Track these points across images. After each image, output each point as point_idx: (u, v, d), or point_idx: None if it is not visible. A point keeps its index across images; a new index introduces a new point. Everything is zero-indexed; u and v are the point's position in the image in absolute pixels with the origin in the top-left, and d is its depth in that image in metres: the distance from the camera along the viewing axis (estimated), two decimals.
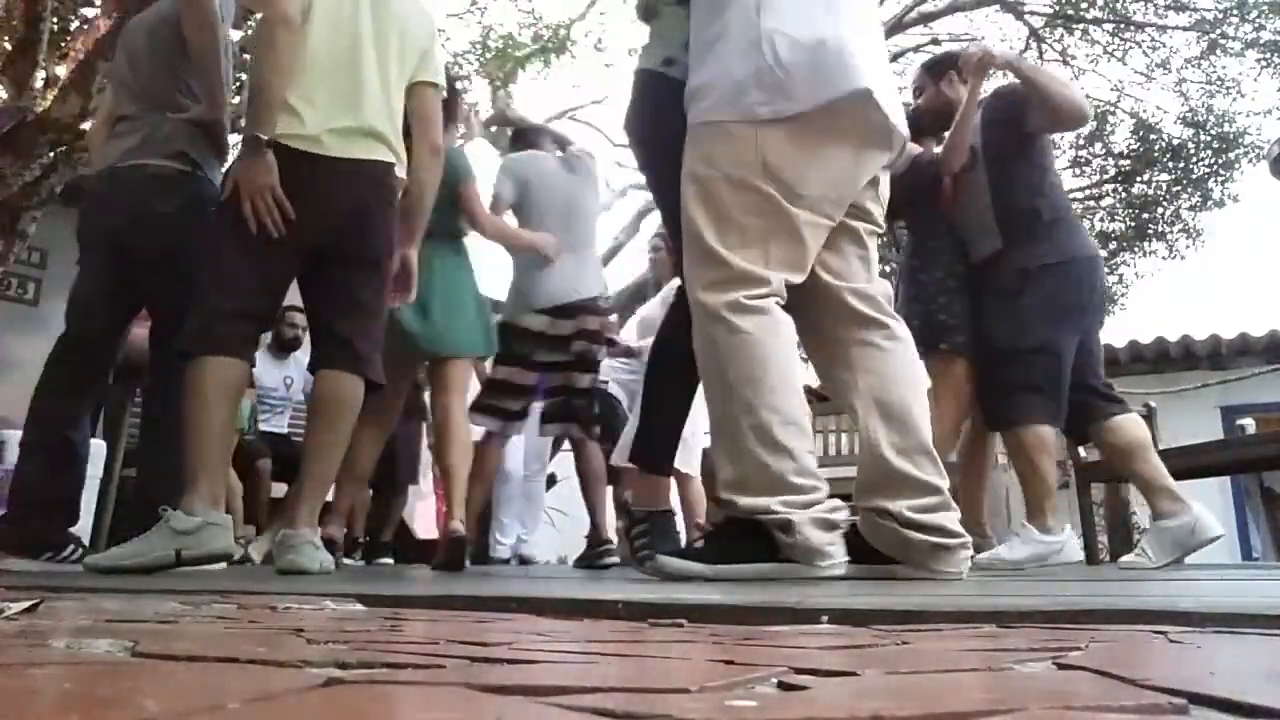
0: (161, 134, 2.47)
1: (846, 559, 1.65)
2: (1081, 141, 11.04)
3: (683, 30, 1.96)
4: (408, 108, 2.49)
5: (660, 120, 1.96)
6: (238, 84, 3.98)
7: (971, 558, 2.92)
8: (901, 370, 1.79)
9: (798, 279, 1.78)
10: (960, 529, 1.71)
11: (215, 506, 2.08)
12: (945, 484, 1.73)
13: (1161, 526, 2.71)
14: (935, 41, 10.56)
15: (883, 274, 2.05)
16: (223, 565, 2.41)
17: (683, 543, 2.65)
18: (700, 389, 1.83)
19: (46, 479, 2.42)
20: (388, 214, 2.43)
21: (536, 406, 3.68)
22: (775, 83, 1.70)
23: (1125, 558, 2.96)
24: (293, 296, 2.45)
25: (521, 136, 3.94)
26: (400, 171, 2.44)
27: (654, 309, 4.08)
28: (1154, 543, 2.71)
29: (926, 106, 3.18)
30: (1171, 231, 11.05)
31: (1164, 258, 11.24)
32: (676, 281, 3.04)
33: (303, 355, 3.70)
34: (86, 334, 2.51)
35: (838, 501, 1.67)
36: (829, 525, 1.62)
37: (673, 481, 2.53)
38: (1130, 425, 2.86)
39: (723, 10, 1.80)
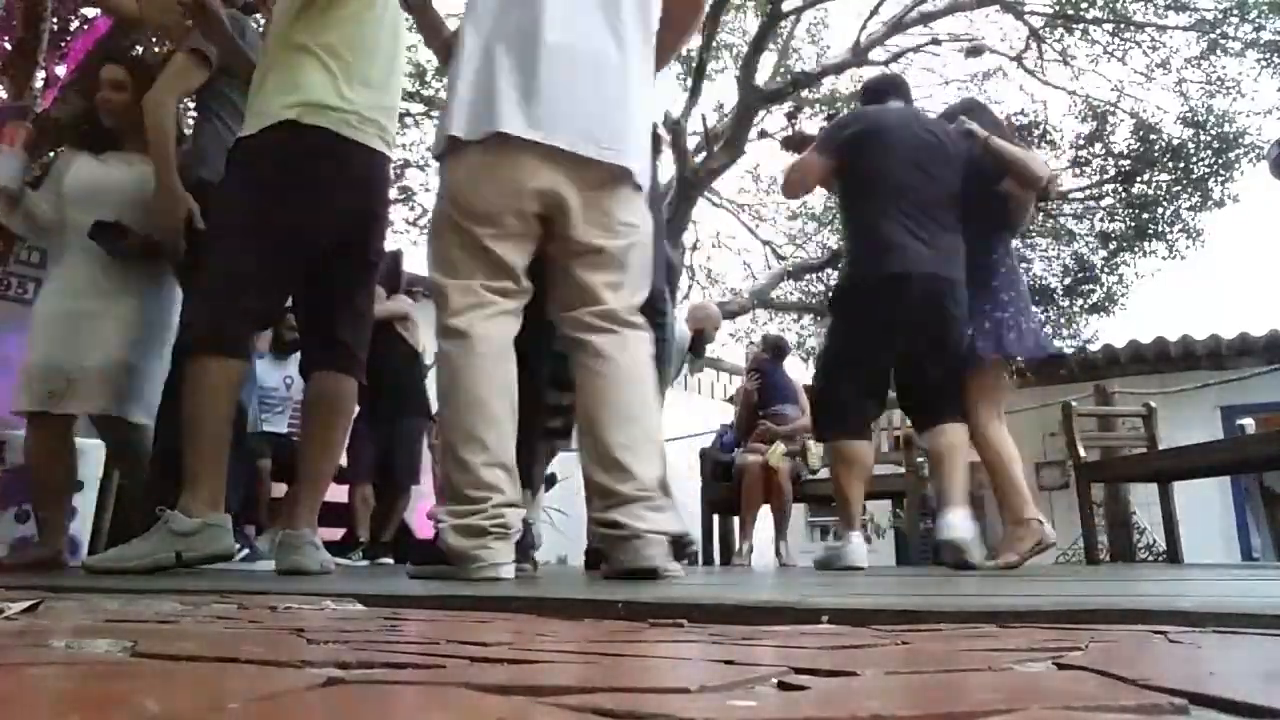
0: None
1: (509, 562, 1.72)
2: (1081, 141, 11.05)
3: None
4: None
5: None
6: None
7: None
8: (605, 390, 1.84)
9: (512, 284, 1.87)
10: (651, 523, 1.72)
11: (214, 508, 2.08)
12: (633, 486, 1.75)
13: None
14: (935, 41, 10.56)
15: None
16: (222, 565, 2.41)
17: None
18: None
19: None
20: (386, 216, 2.45)
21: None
22: (457, 111, 1.85)
23: None
24: None
25: None
26: None
27: None
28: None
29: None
30: (1171, 231, 11.04)
31: (1164, 258, 11.24)
32: None
33: None
34: None
35: (507, 511, 1.72)
36: (477, 531, 1.68)
37: None
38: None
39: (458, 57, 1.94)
